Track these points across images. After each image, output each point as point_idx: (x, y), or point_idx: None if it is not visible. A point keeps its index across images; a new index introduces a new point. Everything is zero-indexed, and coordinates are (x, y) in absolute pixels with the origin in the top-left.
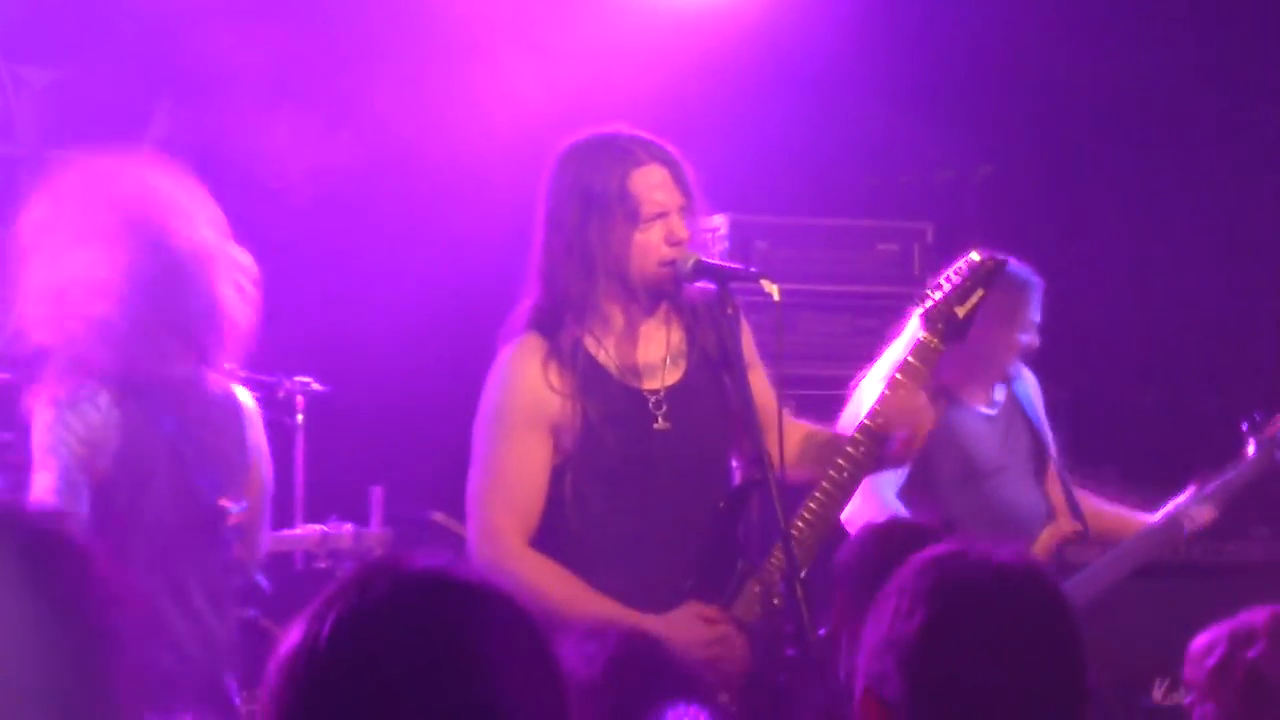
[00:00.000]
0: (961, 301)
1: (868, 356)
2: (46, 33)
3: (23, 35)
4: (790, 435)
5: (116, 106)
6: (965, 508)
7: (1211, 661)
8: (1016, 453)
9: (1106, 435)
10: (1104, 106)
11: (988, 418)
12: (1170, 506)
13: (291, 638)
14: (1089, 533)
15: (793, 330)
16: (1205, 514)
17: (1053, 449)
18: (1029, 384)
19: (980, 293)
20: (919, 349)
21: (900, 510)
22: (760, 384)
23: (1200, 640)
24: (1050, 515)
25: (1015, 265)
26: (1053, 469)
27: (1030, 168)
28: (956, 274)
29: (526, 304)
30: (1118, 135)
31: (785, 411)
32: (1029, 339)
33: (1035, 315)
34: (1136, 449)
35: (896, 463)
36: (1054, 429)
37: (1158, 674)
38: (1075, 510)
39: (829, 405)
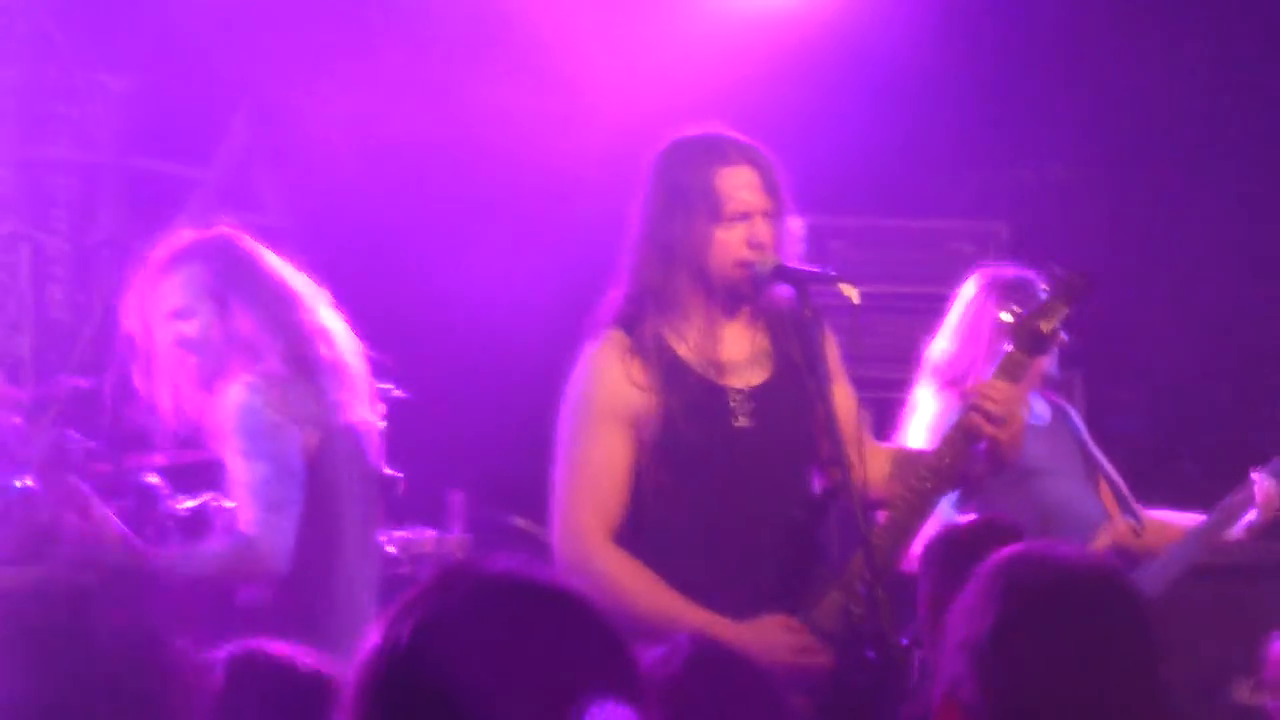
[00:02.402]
0: (1046, 317)
1: None
2: (125, 40)
3: (101, 43)
4: (874, 453)
5: (194, 113)
6: (1017, 508)
7: None
8: (1065, 457)
9: (1182, 434)
10: (1179, 103)
11: (1033, 427)
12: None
13: (372, 640)
14: (1144, 531)
15: (869, 332)
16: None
17: (1105, 467)
18: (1073, 416)
19: (1065, 309)
20: (1005, 363)
21: (953, 515)
22: (843, 397)
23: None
24: (1104, 516)
25: (1009, 269)
26: (1103, 480)
27: (1104, 165)
28: (1041, 290)
29: (612, 298)
30: (1193, 132)
31: (867, 432)
32: None
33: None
34: (1212, 447)
35: (982, 474)
36: (1129, 427)
37: (1241, 673)
38: (1129, 509)
39: (906, 407)
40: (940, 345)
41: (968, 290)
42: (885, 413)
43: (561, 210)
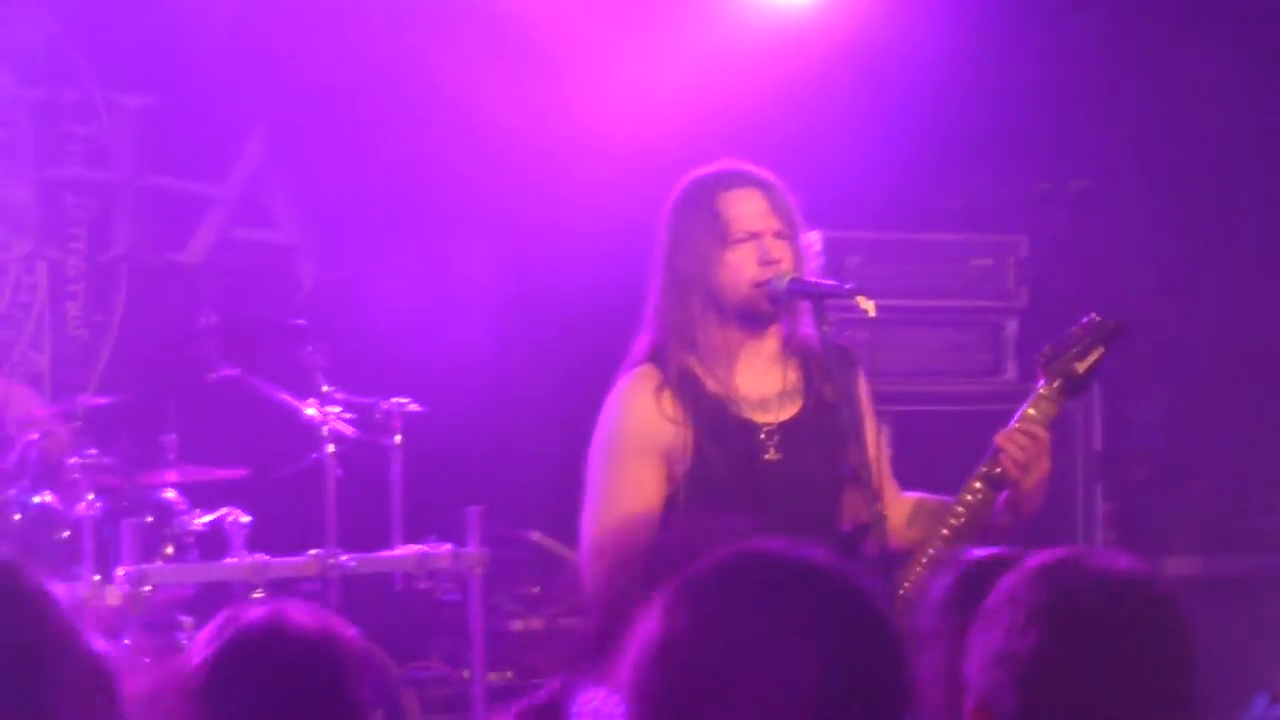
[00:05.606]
0: (1082, 358)
1: (963, 371)
2: (141, 60)
3: (118, 62)
4: (897, 501)
5: (209, 132)
6: None
7: None
8: None
9: (1201, 448)
10: (1199, 116)
11: None
12: None
13: (645, 631)
14: None
15: (887, 346)
16: None
17: None
18: None
19: (1100, 351)
20: (1037, 401)
21: None
22: (872, 438)
23: None
24: None
25: None
26: None
27: (1124, 179)
28: (1078, 331)
29: (642, 340)
30: (1213, 145)
31: (891, 479)
32: None
33: None
34: (1231, 462)
35: (1002, 526)
36: (1148, 441)
37: (1259, 687)
38: None
39: (925, 420)
40: None
41: None
42: (902, 427)
43: (577, 234)
